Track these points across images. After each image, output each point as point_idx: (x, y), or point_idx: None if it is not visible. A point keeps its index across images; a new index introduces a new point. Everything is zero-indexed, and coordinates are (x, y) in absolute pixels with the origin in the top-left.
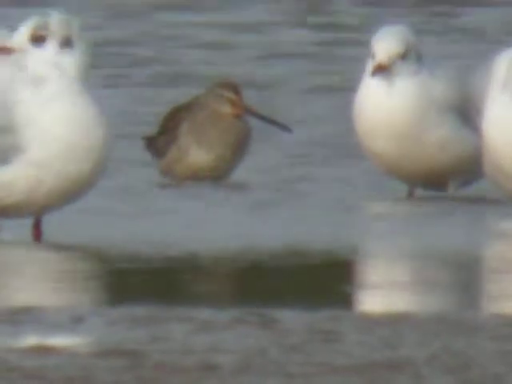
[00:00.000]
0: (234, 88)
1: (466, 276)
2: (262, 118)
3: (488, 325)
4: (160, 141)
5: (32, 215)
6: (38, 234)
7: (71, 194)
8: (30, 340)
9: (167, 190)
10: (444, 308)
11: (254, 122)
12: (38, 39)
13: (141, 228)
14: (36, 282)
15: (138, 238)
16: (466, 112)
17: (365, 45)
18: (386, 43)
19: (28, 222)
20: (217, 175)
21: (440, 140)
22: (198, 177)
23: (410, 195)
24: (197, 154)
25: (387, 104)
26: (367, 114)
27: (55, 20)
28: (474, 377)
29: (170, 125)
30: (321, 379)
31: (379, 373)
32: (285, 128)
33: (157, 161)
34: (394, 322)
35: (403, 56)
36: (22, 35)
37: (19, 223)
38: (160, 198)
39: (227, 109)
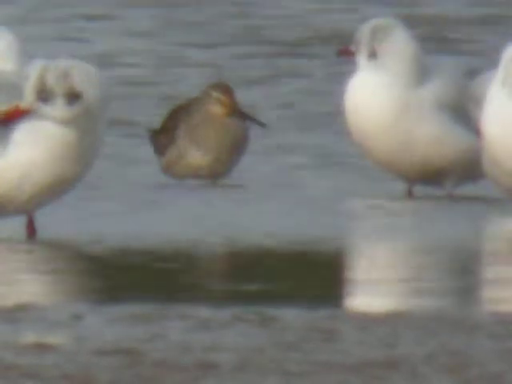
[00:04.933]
0: (224, 88)
1: (463, 274)
2: (246, 116)
3: (486, 323)
4: (160, 139)
5: (21, 211)
6: (31, 232)
7: (58, 190)
8: (28, 338)
9: (167, 186)
10: (442, 306)
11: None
12: (43, 99)
13: (139, 225)
14: (34, 279)
15: (136, 235)
16: (462, 110)
17: None
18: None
19: (22, 221)
20: (215, 174)
21: (431, 137)
22: (196, 176)
23: (409, 193)
24: (195, 154)
25: (373, 102)
26: (355, 112)
27: (54, 76)
28: (472, 375)
29: (170, 124)
30: (319, 377)
31: (377, 371)
32: (259, 123)
33: (158, 158)
34: (391, 320)
35: (356, 48)
36: (29, 96)
37: (13, 222)
38: (159, 194)
39: (218, 109)
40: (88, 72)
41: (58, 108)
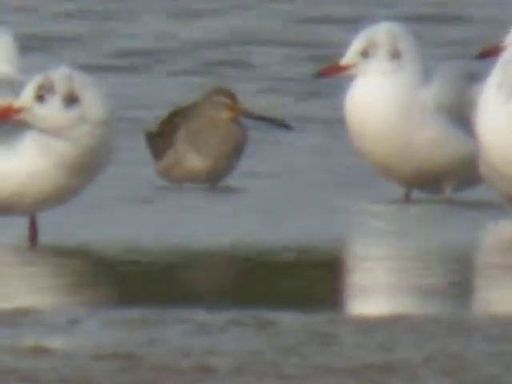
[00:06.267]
0: (229, 93)
1: (461, 278)
2: (261, 118)
3: (483, 326)
4: (157, 143)
5: (23, 213)
6: (33, 235)
7: (62, 197)
8: (27, 342)
9: (165, 189)
10: (440, 310)
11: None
12: (41, 97)
13: (137, 230)
14: (33, 283)
15: (134, 239)
16: (460, 114)
17: None
18: (353, 42)
19: (24, 224)
20: (213, 179)
21: (429, 141)
22: (194, 180)
23: (407, 197)
24: (194, 160)
25: (370, 105)
26: (354, 115)
27: (58, 77)
28: (470, 378)
29: (167, 129)
30: (317, 381)
31: (375, 375)
32: (285, 126)
33: (154, 162)
34: (389, 324)
35: (365, 53)
36: (27, 94)
37: (15, 225)
38: (156, 199)
39: (224, 114)
40: (90, 83)
41: (55, 108)
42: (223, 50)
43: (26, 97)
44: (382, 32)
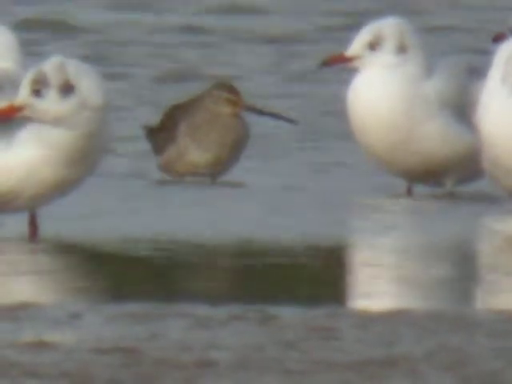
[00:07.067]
0: (232, 88)
1: (462, 272)
2: (264, 112)
3: (485, 321)
4: (159, 138)
5: (23, 208)
6: (33, 230)
7: (62, 189)
8: (28, 336)
9: (164, 185)
10: (441, 304)
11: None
12: (37, 92)
13: (138, 224)
14: (34, 278)
15: (135, 234)
16: (463, 108)
17: None
18: (359, 35)
19: (24, 219)
20: (215, 173)
21: (431, 135)
22: (195, 174)
23: (408, 192)
24: (195, 153)
25: (374, 98)
26: (356, 109)
27: (50, 68)
28: (471, 373)
29: (168, 123)
30: (318, 376)
31: (376, 369)
32: (289, 120)
33: (155, 157)
34: (391, 318)
35: (371, 46)
36: (24, 91)
37: (15, 220)
38: (157, 193)
39: (226, 109)
40: (83, 68)
41: (52, 100)
42: None
43: (24, 94)
44: (388, 26)
